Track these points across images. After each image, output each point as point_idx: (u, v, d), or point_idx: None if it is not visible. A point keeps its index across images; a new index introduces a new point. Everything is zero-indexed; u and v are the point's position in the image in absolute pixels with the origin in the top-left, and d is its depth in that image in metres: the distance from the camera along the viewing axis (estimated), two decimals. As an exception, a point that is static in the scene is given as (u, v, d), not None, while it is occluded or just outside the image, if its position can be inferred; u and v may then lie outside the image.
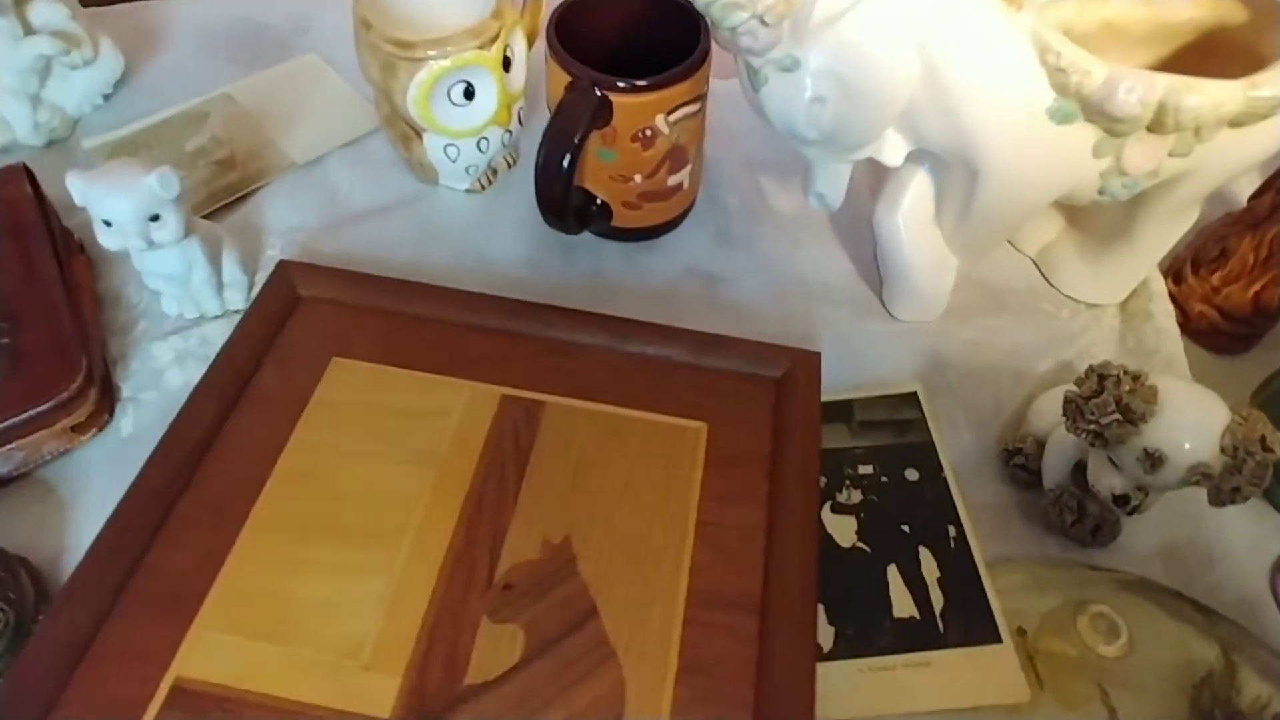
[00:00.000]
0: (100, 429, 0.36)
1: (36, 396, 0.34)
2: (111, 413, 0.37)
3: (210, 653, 0.28)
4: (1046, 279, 0.45)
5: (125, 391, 0.38)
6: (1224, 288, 0.41)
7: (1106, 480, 0.32)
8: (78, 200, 0.34)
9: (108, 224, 0.34)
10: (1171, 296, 0.43)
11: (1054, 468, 0.35)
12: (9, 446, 0.34)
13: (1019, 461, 0.37)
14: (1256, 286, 0.41)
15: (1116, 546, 0.36)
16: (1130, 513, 0.32)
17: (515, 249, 0.44)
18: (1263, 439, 0.28)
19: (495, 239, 0.44)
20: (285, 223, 0.44)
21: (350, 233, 0.44)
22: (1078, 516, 0.34)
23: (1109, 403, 0.29)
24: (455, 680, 0.28)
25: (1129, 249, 0.41)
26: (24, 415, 0.34)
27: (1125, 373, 0.30)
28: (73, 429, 0.35)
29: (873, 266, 0.44)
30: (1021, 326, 0.43)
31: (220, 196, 0.45)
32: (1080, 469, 0.35)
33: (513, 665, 0.29)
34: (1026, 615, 0.33)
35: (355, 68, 0.49)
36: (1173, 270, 0.44)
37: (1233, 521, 0.36)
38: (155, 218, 0.34)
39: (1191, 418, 0.29)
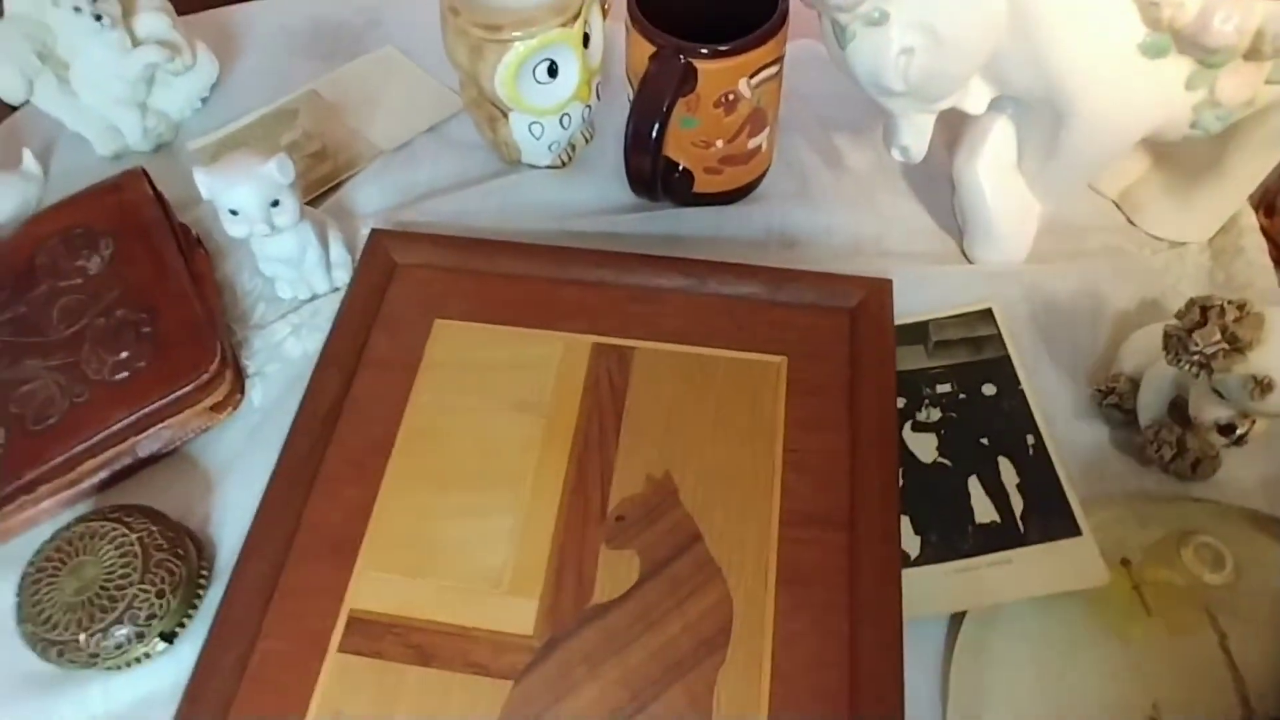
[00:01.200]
0: (235, 407, 0.39)
1: (179, 379, 0.37)
2: (243, 390, 0.40)
3: (375, 588, 0.32)
4: (1130, 220, 0.45)
5: (251, 368, 0.41)
6: (1319, 217, 0.41)
7: (1211, 411, 0.32)
8: (205, 193, 0.37)
9: (234, 213, 0.37)
10: (1263, 230, 0.43)
11: (1151, 404, 0.36)
12: (158, 427, 0.37)
13: (1112, 401, 0.37)
14: (1354, 214, 0.40)
15: (1216, 481, 0.36)
16: (1236, 442, 0.33)
17: (597, 220, 0.45)
18: (1376, 360, 0.28)
19: (577, 211, 0.46)
20: (377, 206, 0.47)
21: (438, 212, 0.46)
22: (1177, 451, 0.35)
23: (1214, 332, 0.30)
24: (584, 600, 0.31)
25: (1218, 183, 0.41)
26: (169, 397, 0.37)
27: (1229, 302, 0.30)
28: (212, 408, 0.38)
29: (951, 218, 0.45)
30: (1103, 268, 0.43)
31: (315, 187, 0.47)
32: (1177, 405, 0.36)
33: (632, 585, 0.31)
34: (1129, 547, 0.34)
35: (430, 57, 0.51)
36: (1264, 203, 0.43)
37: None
38: (275, 203, 0.37)
39: (1301, 342, 0.29)
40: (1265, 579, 0.33)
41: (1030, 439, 0.36)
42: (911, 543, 0.34)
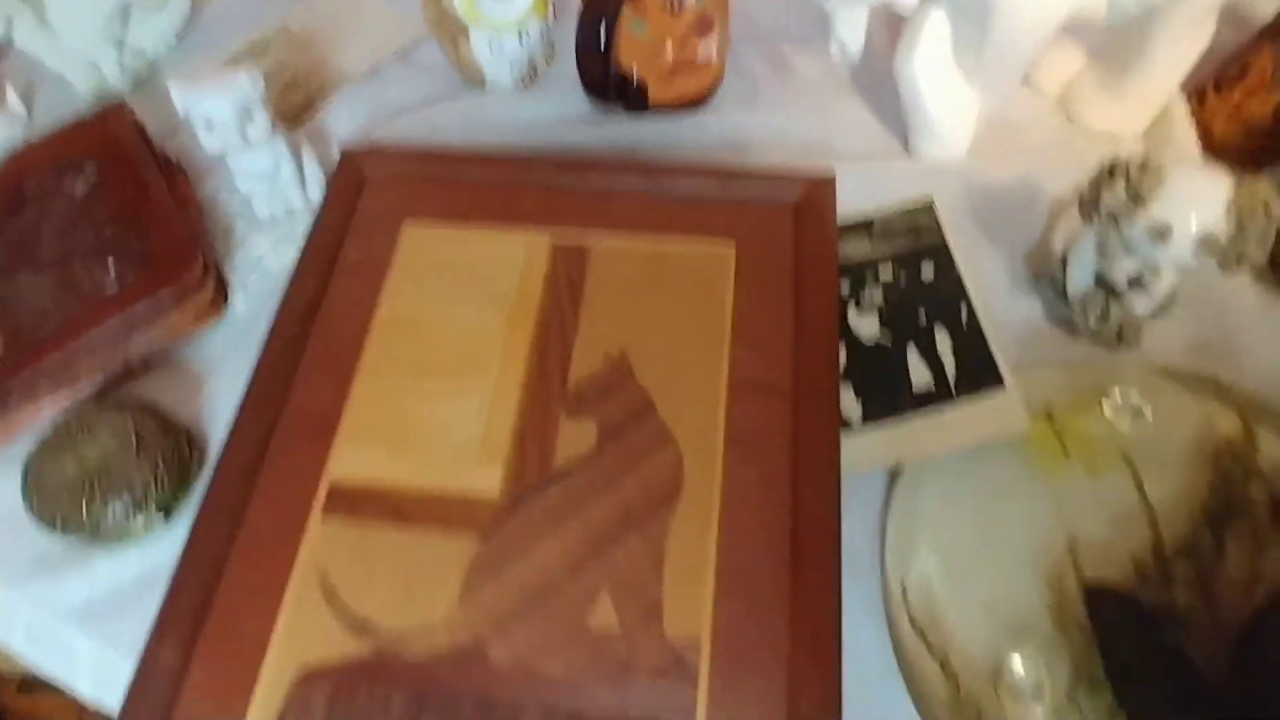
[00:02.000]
0: (219, 314, 0.42)
1: (165, 285, 0.39)
2: (227, 299, 0.42)
3: (353, 462, 0.34)
4: (1069, 117, 0.46)
5: (234, 280, 0.43)
6: (1245, 101, 0.43)
7: (1123, 267, 0.34)
8: (178, 104, 0.39)
9: (208, 126, 0.39)
10: (1195, 119, 0.44)
11: (1077, 275, 0.38)
12: (147, 329, 0.39)
13: (1045, 281, 0.40)
14: (1277, 97, 0.42)
15: (1142, 351, 0.38)
16: (1152, 302, 0.35)
17: (559, 135, 0.47)
18: (1266, 204, 0.30)
19: (540, 129, 0.48)
20: (349, 130, 0.49)
21: (408, 131, 0.48)
22: (1101, 315, 0.37)
23: (1118, 185, 0.32)
24: (546, 465, 0.34)
25: (1148, 73, 0.43)
26: (156, 301, 0.39)
27: (1132, 160, 0.32)
28: (197, 315, 0.41)
29: (899, 121, 0.46)
30: (1043, 162, 0.45)
31: (289, 116, 0.49)
32: (1102, 282, 0.38)
33: (589, 451, 0.34)
34: (1055, 404, 0.36)
35: (396, -13, 0.52)
36: (1196, 92, 0.45)
37: (1256, 318, 0.39)
38: (248, 117, 0.39)
39: (1196, 191, 0.31)
40: (1181, 427, 0.35)
41: (964, 310, 0.38)
42: (853, 409, 0.36)
